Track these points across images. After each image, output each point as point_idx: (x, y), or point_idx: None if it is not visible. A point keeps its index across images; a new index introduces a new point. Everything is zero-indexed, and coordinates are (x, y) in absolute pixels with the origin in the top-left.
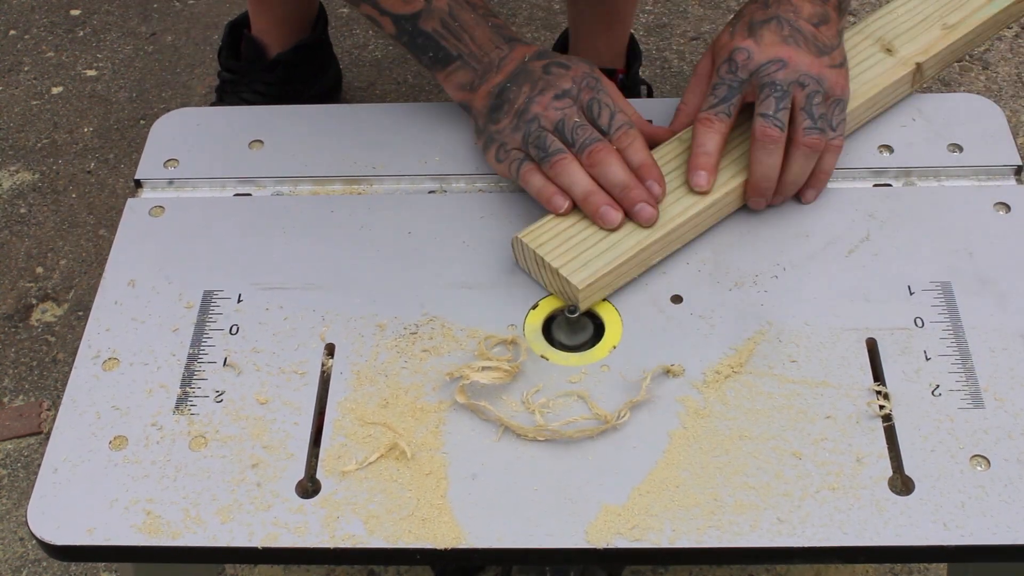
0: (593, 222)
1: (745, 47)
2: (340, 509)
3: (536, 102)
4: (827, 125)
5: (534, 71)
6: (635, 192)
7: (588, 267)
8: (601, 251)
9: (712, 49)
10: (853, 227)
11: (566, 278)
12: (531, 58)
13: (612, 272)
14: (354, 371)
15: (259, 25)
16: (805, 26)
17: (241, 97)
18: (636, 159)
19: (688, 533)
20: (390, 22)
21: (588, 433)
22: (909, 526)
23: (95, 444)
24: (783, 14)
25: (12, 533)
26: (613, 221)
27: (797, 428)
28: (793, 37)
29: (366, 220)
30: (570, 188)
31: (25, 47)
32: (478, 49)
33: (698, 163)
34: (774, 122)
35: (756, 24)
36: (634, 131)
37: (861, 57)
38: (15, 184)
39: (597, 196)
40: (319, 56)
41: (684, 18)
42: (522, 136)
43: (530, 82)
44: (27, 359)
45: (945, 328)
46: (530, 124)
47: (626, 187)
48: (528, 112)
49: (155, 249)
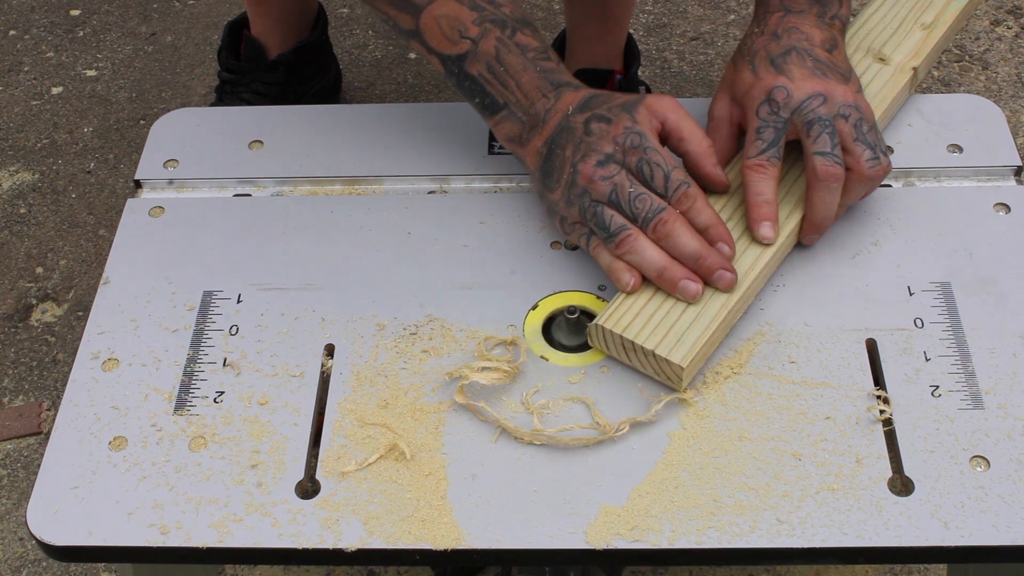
0: (672, 296)
1: (783, 85)
2: (340, 510)
3: (580, 172)
4: (881, 151)
5: (575, 129)
6: (711, 260)
7: (684, 342)
8: (689, 321)
9: (729, 89)
10: (853, 228)
11: (665, 359)
12: (574, 111)
13: (708, 342)
14: (354, 372)
15: (259, 26)
16: (821, 54)
17: (241, 97)
18: (702, 220)
19: (688, 534)
20: (438, 61)
21: (584, 442)
22: (909, 527)
23: (94, 445)
24: (798, 45)
25: (12, 533)
26: (695, 294)
27: (797, 429)
28: (819, 68)
29: (366, 220)
30: (641, 266)
31: (25, 47)
32: (524, 98)
33: (761, 214)
34: (834, 159)
35: (777, 59)
36: (693, 189)
37: (860, 70)
38: (15, 184)
39: (673, 271)
40: (319, 56)
41: (684, 18)
42: (578, 211)
43: (572, 143)
44: (27, 359)
45: (945, 329)
46: (582, 199)
47: (700, 256)
48: (576, 185)
49: (155, 250)
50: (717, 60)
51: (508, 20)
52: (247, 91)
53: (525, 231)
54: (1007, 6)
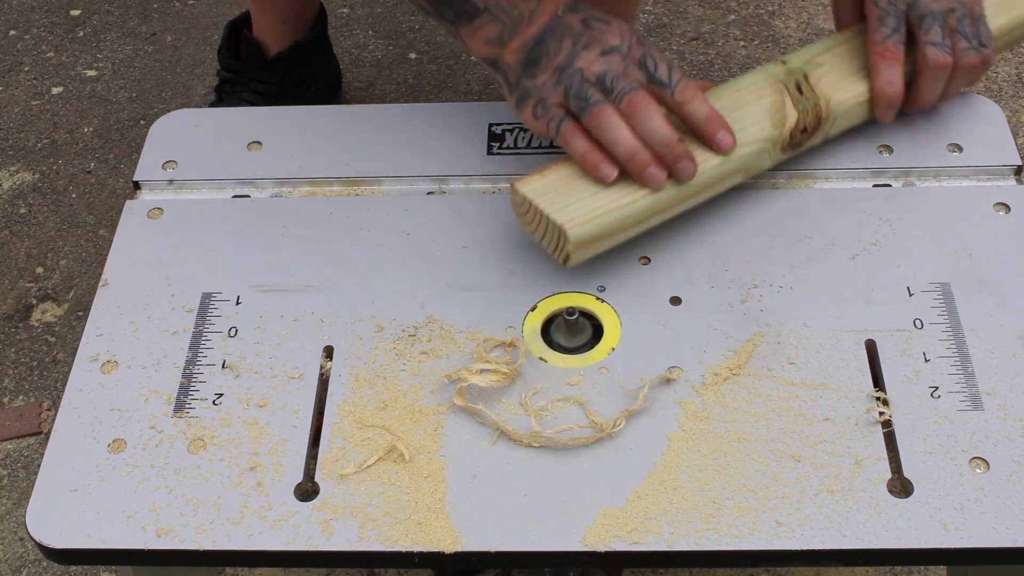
0: (636, 181)
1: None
2: (339, 512)
3: (581, 56)
4: (979, 43)
5: (572, 25)
6: (679, 148)
7: (586, 215)
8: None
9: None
10: (853, 228)
11: (557, 224)
12: (564, 11)
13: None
14: (353, 373)
15: (261, 23)
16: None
17: (241, 97)
18: (702, 112)
19: (687, 535)
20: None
21: (583, 441)
22: (908, 528)
23: (94, 447)
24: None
25: (12, 533)
26: (659, 182)
27: (796, 430)
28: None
29: (365, 222)
30: (614, 145)
31: (25, 47)
32: (505, 1)
33: (890, 101)
34: (944, 49)
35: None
36: (695, 83)
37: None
38: (15, 184)
39: (643, 155)
40: (319, 55)
41: (684, 18)
42: (563, 89)
43: (571, 36)
44: (27, 359)
45: (944, 329)
46: (573, 77)
47: (670, 142)
48: (571, 66)
49: (154, 251)
50: (717, 60)
51: None
52: (247, 90)
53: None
54: None
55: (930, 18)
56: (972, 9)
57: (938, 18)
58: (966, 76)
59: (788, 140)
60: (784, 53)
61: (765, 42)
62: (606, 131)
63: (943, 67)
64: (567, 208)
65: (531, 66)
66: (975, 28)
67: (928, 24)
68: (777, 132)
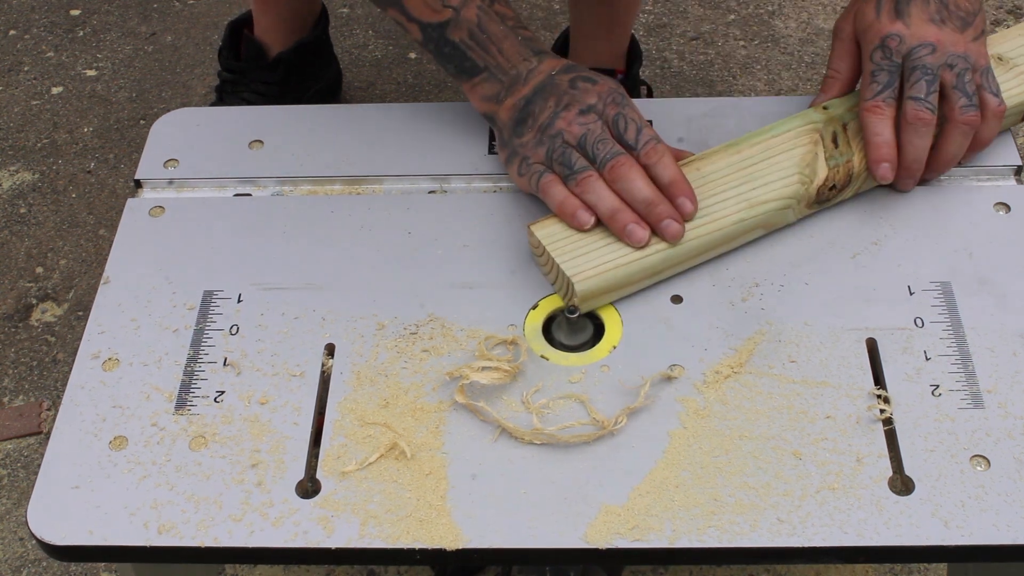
0: (620, 239)
1: (897, 33)
2: (340, 509)
3: (561, 117)
4: (987, 91)
5: (560, 85)
6: (660, 208)
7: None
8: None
9: (853, 19)
10: (854, 227)
11: (566, 275)
12: (559, 72)
13: (618, 277)
14: (354, 371)
15: (263, 23)
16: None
17: (242, 97)
18: (666, 175)
19: (688, 533)
20: (417, 29)
21: (584, 438)
22: (909, 526)
23: (95, 444)
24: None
25: (12, 533)
26: (640, 239)
27: (797, 428)
28: (940, 14)
29: (366, 220)
30: (596, 205)
31: (25, 47)
32: (505, 61)
33: (881, 154)
34: (926, 105)
35: (903, 3)
36: (662, 146)
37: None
38: (15, 184)
39: (624, 214)
40: (320, 55)
41: (684, 18)
42: (545, 151)
43: (555, 96)
44: (27, 359)
45: (945, 328)
46: (554, 140)
47: (651, 203)
48: (552, 127)
49: (155, 249)
50: (717, 60)
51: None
52: (247, 91)
53: (525, 231)
54: (1007, 6)
55: (919, 71)
56: (976, 62)
57: (927, 72)
58: (965, 134)
59: (815, 196)
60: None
61: (765, 42)
62: (590, 194)
63: (922, 122)
64: (577, 259)
65: (519, 125)
66: (980, 80)
67: (916, 78)
68: (804, 189)
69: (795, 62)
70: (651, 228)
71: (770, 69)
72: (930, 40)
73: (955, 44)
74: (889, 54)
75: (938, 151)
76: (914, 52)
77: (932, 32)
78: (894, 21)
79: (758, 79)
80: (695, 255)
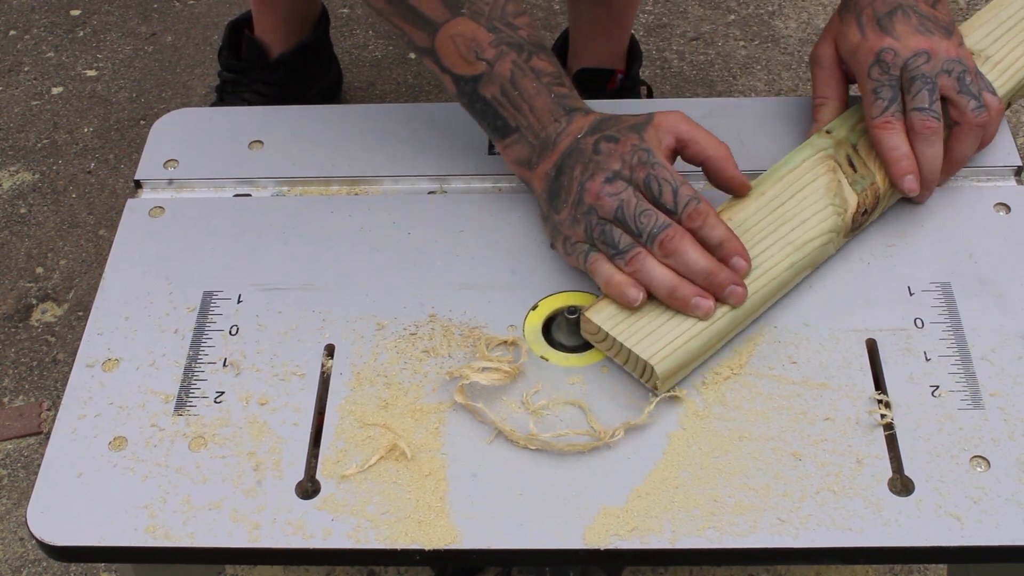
0: (686, 315)
1: (890, 47)
2: (340, 510)
3: (587, 190)
4: (986, 91)
5: (585, 150)
6: (722, 276)
7: (668, 345)
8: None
9: (833, 44)
10: None
11: (645, 360)
12: (584, 134)
13: (695, 350)
14: (354, 372)
15: (263, 23)
16: (925, 9)
17: (242, 97)
18: (715, 236)
19: (688, 534)
20: (451, 81)
21: (580, 448)
22: (909, 527)
23: (95, 445)
24: (904, 2)
25: (12, 533)
26: (709, 311)
27: (797, 429)
28: (923, 25)
29: (366, 221)
30: (651, 284)
31: (25, 47)
32: (536, 121)
33: (902, 168)
34: (931, 114)
35: (883, 18)
36: (703, 205)
37: None
38: (15, 184)
39: (684, 289)
40: (320, 57)
41: (684, 18)
42: (584, 229)
43: (581, 163)
44: (27, 359)
45: (945, 329)
46: (588, 217)
47: (710, 273)
48: (583, 203)
49: (155, 250)
50: (717, 60)
51: (524, 44)
52: (248, 91)
53: (525, 231)
54: None
55: (919, 81)
56: (968, 65)
57: (928, 81)
58: (976, 134)
59: (851, 225)
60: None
61: (765, 42)
62: (643, 274)
63: (930, 131)
64: (644, 340)
65: (554, 199)
66: (980, 83)
67: (917, 88)
68: (840, 220)
69: (795, 62)
70: (715, 297)
71: (770, 69)
72: (924, 49)
73: (947, 51)
74: (887, 68)
75: (950, 154)
76: (910, 63)
77: (923, 42)
78: (883, 37)
79: (758, 79)
80: (757, 309)
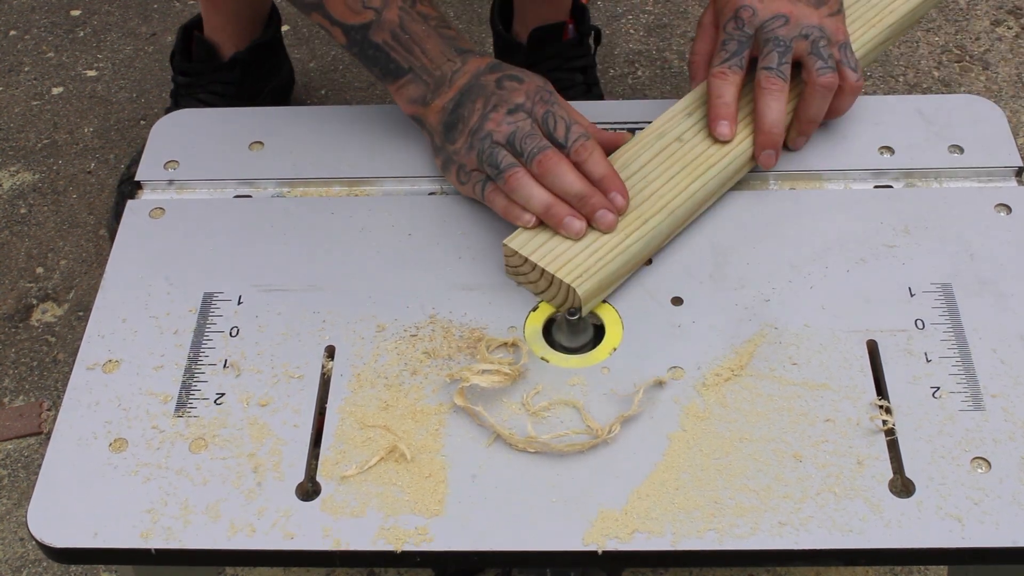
0: (558, 233)
1: (749, 4)
2: (340, 511)
3: (490, 119)
4: (845, 66)
5: (487, 85)
6: (594, 200)
7: (587, 268)
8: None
9: (714, 2)
10: (854, 229)
11: (566, 283)
12: (484, 71)
13: (610, 272)
14: (354, 373)
15: (212, 23)
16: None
17: (198, 98)
18: (597, 171)
19: (688, 535)
20: (340, 32)
21: (578, 447)
22: (910, 528)
23: (95, 446)
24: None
25: (12, 533)
26: (579, 231)
27: (797, 430)
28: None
29: (366, 222)
30: (528, 202)
31: (25, 47)
32: (430, 62)
33: (719, 113)
34: (777, 74)
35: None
36: (591, 142)
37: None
38: (15, 184)
39: (558, 207)
40: (274, 55)
41: (684, 18)
42: (476, 155)
43: (483, 97)
44: (27, 359)
45: (946, 330)
46: (483, 142)
47: (583, 196)
48: (482, 130)
49: (155, 251)
50: None
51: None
52: (204, 91)
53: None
54: (1007, 6)
55: (771, 43)
56: (833, 36)
57: (780, 44)
58: (824, 96)
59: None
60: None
61: None
62: (519, 191)
63: (775, 87)
64: (564, 265)
65: (450, 130)
66: (836, 52)
67: (768, 49)
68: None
69: None
70: (587, 220)
71: None
72: (783, 12)
73: (808, 16)
74: (741, 24)
75: (799, 114)
76: (767, 25)
77: (784, 5)
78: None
79: None
80: (671, 232)
